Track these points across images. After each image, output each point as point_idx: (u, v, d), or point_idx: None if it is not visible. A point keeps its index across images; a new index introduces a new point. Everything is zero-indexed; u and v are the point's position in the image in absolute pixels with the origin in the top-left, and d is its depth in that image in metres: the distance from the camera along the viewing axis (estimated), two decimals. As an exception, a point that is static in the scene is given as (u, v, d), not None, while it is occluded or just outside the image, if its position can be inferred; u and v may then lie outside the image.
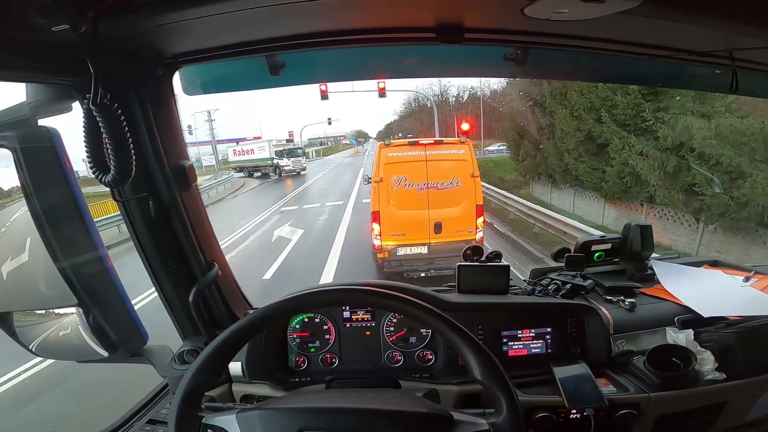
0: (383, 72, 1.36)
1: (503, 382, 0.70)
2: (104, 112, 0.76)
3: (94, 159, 0.80)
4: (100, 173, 0.80)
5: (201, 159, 38.32)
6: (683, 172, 7.66)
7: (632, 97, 8.77)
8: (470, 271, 1.34)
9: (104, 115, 0.76)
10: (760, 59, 1.04)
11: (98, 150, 0.80)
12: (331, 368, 1.29)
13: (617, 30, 0.94)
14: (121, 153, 0.79)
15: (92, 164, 0.80)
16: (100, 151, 0.80)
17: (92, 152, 0.80)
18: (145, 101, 0.99)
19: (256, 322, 0.76)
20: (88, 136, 0.79)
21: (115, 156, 0.78)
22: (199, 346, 1.23)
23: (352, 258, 7.82)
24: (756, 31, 0.83)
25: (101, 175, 0.80)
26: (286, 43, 1.01)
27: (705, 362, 1.10)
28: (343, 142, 76.19)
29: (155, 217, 1.06)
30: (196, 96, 1.22)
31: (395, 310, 0.80)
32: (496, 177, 17.21)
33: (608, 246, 1.52)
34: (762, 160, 6.30)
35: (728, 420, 1.14)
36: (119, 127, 0.78)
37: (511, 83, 17.41)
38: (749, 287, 1.36)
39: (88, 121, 0.78)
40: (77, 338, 0.93)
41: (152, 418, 1.16)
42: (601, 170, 10.07)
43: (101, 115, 0.76)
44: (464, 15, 0.92)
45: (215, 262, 1.23)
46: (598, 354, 1.22)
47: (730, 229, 7.19)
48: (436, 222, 5.94)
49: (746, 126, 6.56)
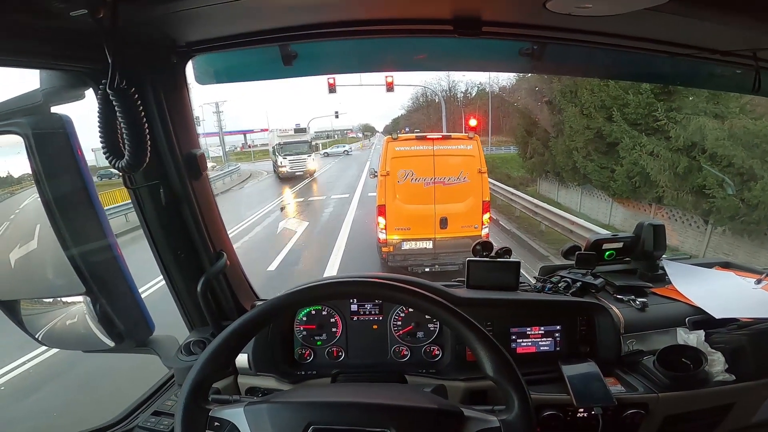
0: (395, 64, 1.34)
1: (516, 379, 0.70)
2: (121, 96, 0.75)
3: (108, 144, 0.80)
4: (114, 159, 0.80)
5: (208, 150, 38.41)
6: (693, 174, 7.57)
7: (644, 96, 8.66)
8: (480, 267, 1.33)
9: (121, 99, 0.76)
10: None
11: (112, 136, 0.79)
12: (337, 362, 1.29)
13: (638, 27, 0.92)
14: (137, 138, 0.78)
15: (106, 150, 0.80)
16: (114, 137, 0.79)
17: (106, 138, 0.79)
18: (158, 89, 0.99)
19: (265, 314, 0.76)
20: (102, 122, 0.79)
21: (130, 141, 0.78)
22: (206, 337, 1.23)
23: (357, 251, 7.83)
24: None
25: (115, 161, 0.80)
26: (300, 33, 1.00)
27: (715, 363, 1.09)
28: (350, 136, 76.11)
29: (165, 205, 1.06)
30: (207, 86, 1.22)
31: (406, 303, 0.79)
32: (503, 174, 17.11)
33: (620, 245, 1.51)
34: (775, 163, 6.21)
35: (734, 421, 1.13)
36: (135, 112, 0.77)
37: (520, 80, 17.27)
38: (761, 289, 1.34)
39: (104, 106, 0.78)
40: (84, 327, 0.93)
41: (158, 410, 1.16)
42: (609, 169, 9.97)
43: (118, 100, 0.75)
44: (483, 8, 0.90)
45: (224, 251, 1.23)
46: (608, 353, 1.21)
47: (739, 232, 7.10)
48: (441, 217, 5.92)
49: (760, 127, 6.46)
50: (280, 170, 20.82)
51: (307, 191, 16.77)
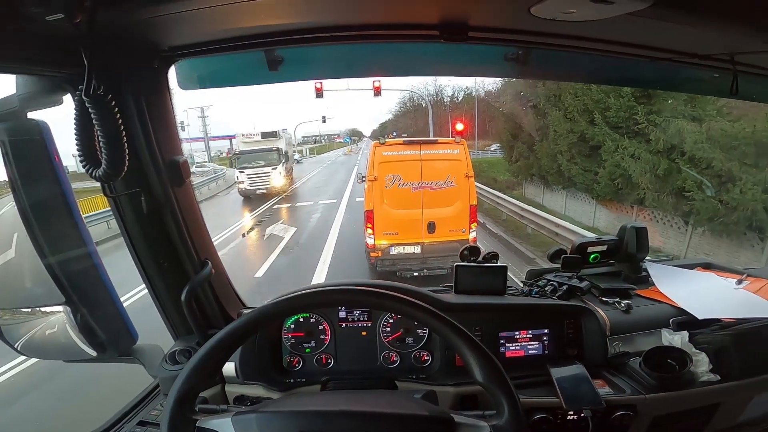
0: (382, 69, 1.34)
1: (505, 384, 0.70)
2: (97, 103, 0.73)
3: (84, 153, 0.78)
4: (91, 167, 0.78)
5: (193, 155, 37.91)
6: (674, 176, 7.75)
7: (625, 99, 8.84)
8: (467, 272, 1.33)
9: (97, 106, 0.74)
10: (761, 63, 1.05)
11: (89, 143, 0.77)
12: (327, 369, 1.27)
13: (621, 32, 0.94)
14: (114, 147, 0.76)
15: (83, 158, 0.78)
16: (91, 145, 0.77)
17: (83, 146, 0.77)
18: (139, 95, 0.97)
19: (252, 323, 0.74)
20: (79, 129, 0.77)
21: (107, 150, 0.76)
22: (192, 346, 1.21)
23: (345, 256, 7.80)
24: (759, 35, 0.83)
25: (92, 170, 0.78)
26: (285, 38, 1.00)
27: (700, 364, 1.10)
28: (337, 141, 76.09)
29: (147, 214, 1.03)
30: (191, 91, 1.20)
31: (394, 310, 0.79)
32: (490, 177, 17.28)
33: (604, 248, 1.52)
34: (752, 165, 6.39)
35: (721, 421, 1.15)
36: (112, 120, 0.75)
37: (506, 84, 17.51)
38: (742, 290, 1.37)
39: (80, 113, 0.76)
40: (64, 337, 0.91)
41: (143, 420, 1.13)
42: (593, 172, 10.14)
43: (94, 107, 0.73)
44: (470, 13, 0.91)
45: (209, 260, 1.21)
46: (595, 355, 1.22)
47: (719, 233, 7.28)
48: (429, 221, 5.95)
49: (737, 130, 6.64)
50: (238, 187, 16.47)
51: (294, 198, 16.47)
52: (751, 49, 0.95)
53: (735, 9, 0.75)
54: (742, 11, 0.76)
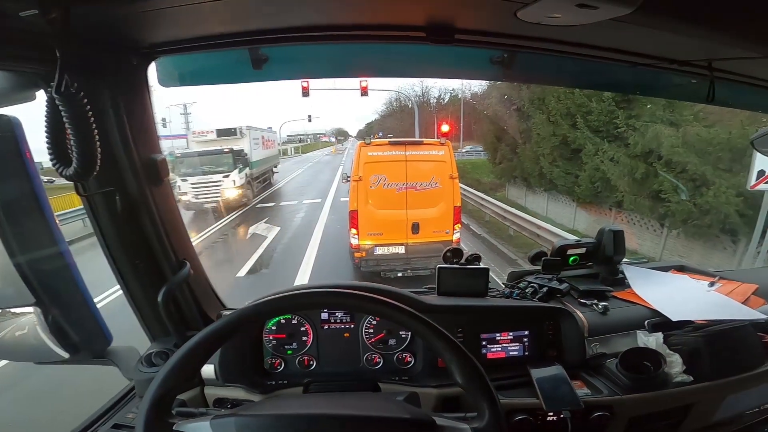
0: (368, 70, 1.34)
1: (486, 387, 0.70)
2: (68, 100, 0.71)
3: (55, 151, 0.75)
4: (62, 166, 0.75)
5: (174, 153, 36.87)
6: (651, 179, 7.95)
7: (606, 104, 9.04)
8: (450, 274, 1.34)
9: (68, 104, 0.71)
10: (736, 70, 1.08)
11: (60, 141, 0.75)
12: (309, 371, 1.26)
13: (604, 37, 0.96)
14: (85, 145, 0.74)
15: (53, 156, 0.75)
16: (62, 143, 0.75)
17: (53, 144, 0.75)
18: (116, 91, 0.94)
19: (231, 325, 0.73)
20: (50, 127, 0.74)
21: (78, 148, 0.73)
22: (169, 348, 1.19)
23: (329, 256, 7.75)
24: (735, 41, 0.86)
25: (62, 168, 0.75)
26: (270, 36, 0.98)
27: (673, 365, 1.13)
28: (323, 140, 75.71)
29: (122, 213, 1.01)
30: (172, 87, 1.17)
31: (376, 313, 0.78)
32: (474, 179, 17.44)
33: (583, 250, 1.56)
34: (725, 169, 6.60)
35: (695, 421, 1.18)
36: (83, 117, 0.73)
37: (491, 87, 17.68)
38: (714, 292, 1.42)
39: (51, 110, 0.73)
40: (35, 338, 0.88)
41: (117, 423, 1.10)
42: (574, 175, 10.34)
43: (64, 105, 0.71)
44: (456, 16, 0.91)
45: (187, 260, 1.18)
46: (574, 356, 1.24)
47: (693, 235, 7.50)
48: (413, 222, 5.97)
49: (712, 135, 6.84)
50: (181, 199, 12.30)
51: (278, 196, 16.29)
52: (728, 55, 0.98)
53: (714, 16, 0.77)
54: (721, 19, 0.78)
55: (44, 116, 0.74)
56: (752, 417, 1.26)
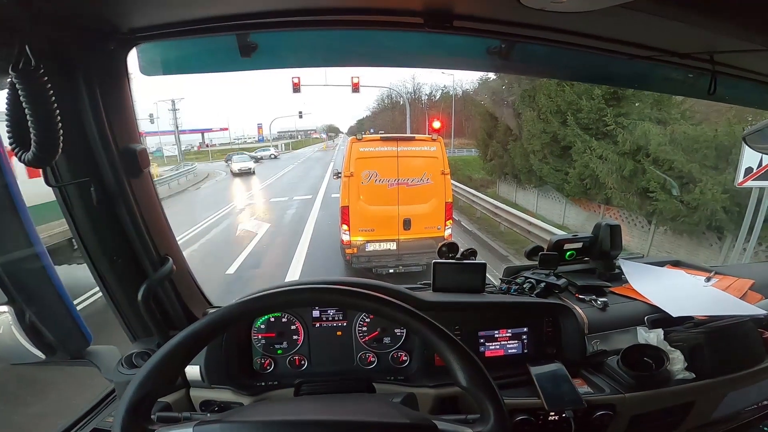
0: (362, 59, 1.29)
1: (491, 389, 0.66)
2: (24, 77, 0.65)
3: (14, 134, 0.69)
4: (20, 150, 0.70)
5: (162, 149, 36.46)
6: (638, 177, 8.05)
7: (596, 101, 9.10)
8: (446, 269, 1.30)
9: (24, 81, 0.66)
10: (738, 63, 1.06)
11: (22, 123, 0.69)
12: (300, 371, 1.22)
13: (606, 26, 0.93)
14: (44, 128, 0.68)
15: (12, 139, 0.70)
16: (22, 126, 0.69)
17: (13, 126, 0.69)
18: (92, 77, 0.87)
19: (216, 324, 0.68)
20: (10, 109, 0.69)
21: (37, 131, 0.68)
22: (151, 348, 1.13)
23: (320, 253, 7.69)
24: (737, 32, 0.84)
25: (21, 153, 0.70)
26: (259, 21, 0.93)
27: (675, 362, 1.12)
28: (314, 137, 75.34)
29: (98, 205, 0.94)
30: (157, 78, 1.11)
31: (371, 310, 0.74)
32: (465, 176, 17.49)
33: (579, 245, 1.54)
34: (712, 167, 6.70)
35: (696, 419, 1.17)
36: (41, 96, 0.67)
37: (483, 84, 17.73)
38: (711, 287, 1.41)
39: (12, 91, 0.68)
40: (10, 339, 0.85)
41: (97, 427, 1.06)
42: (563, 172, 10.41)
43: (21, 81, 0.65)
44: (456, 0, 0.87)
45: (170, 256, 1.12)
46: (573, 354, 1.21)
47: (680, 232, 7.62)
48: (405, 218, 5.94)
49: (699, 133, 6.94)
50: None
51: (269, 192, 16.19)
52: (730, 48, 0.95)
53: (718, 4, 0.75)
54: (724, 7, 0.76)
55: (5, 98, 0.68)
56: (751, 414, 1.25)
